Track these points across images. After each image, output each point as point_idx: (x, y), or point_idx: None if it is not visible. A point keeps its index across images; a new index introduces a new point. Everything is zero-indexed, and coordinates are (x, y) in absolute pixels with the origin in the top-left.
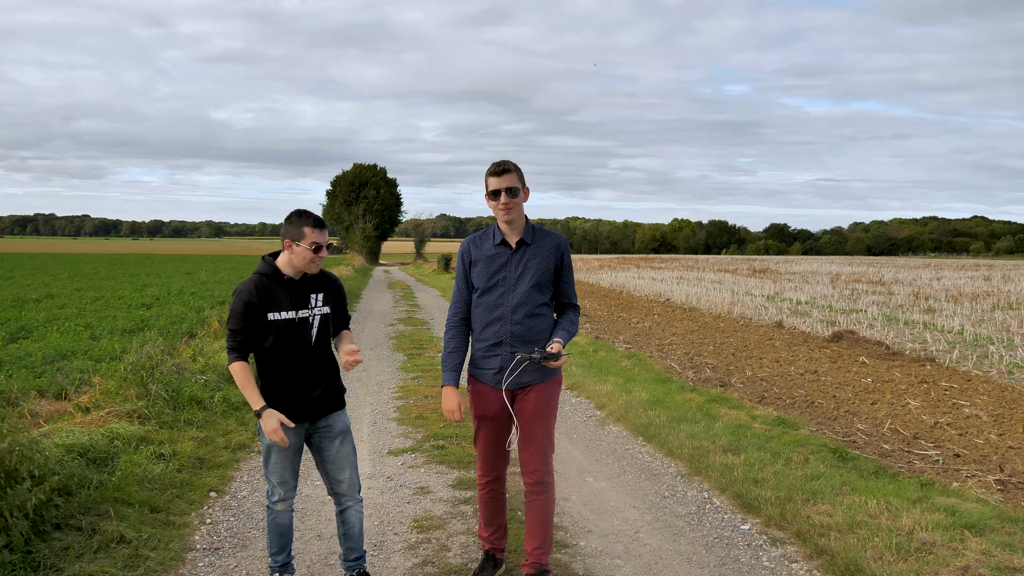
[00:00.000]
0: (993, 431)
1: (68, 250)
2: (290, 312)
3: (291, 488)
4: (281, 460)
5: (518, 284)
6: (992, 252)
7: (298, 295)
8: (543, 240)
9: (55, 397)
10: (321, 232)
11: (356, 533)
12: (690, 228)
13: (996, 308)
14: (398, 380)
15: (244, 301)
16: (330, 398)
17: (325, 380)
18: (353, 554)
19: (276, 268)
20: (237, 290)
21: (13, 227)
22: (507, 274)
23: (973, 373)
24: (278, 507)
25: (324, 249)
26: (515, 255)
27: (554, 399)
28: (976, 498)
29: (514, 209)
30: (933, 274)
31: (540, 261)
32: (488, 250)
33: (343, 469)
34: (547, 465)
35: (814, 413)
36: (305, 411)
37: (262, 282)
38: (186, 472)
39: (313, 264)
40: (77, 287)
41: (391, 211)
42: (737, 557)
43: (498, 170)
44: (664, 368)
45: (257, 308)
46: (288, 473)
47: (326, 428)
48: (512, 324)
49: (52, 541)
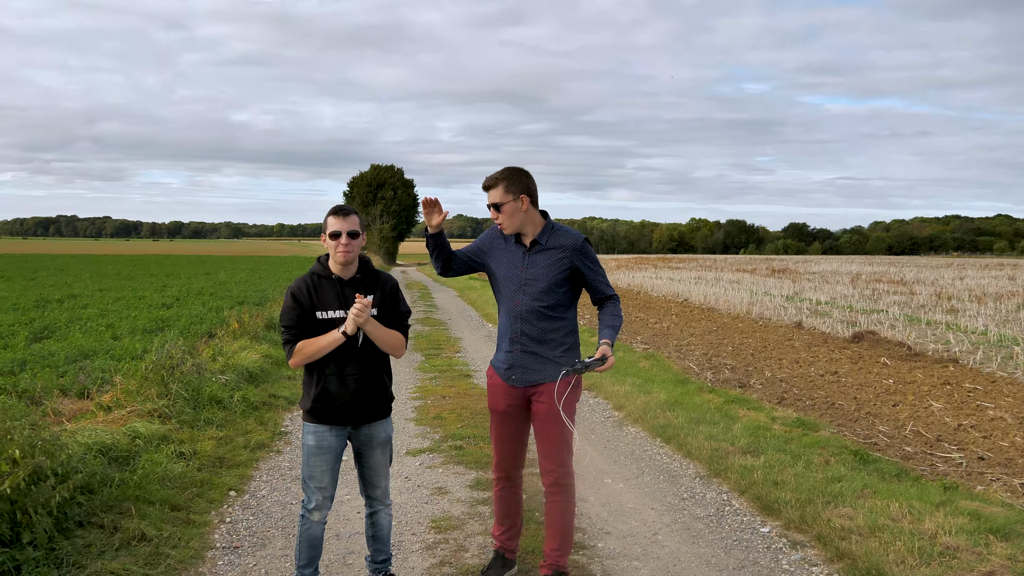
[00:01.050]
0: (1018, 433)
1: (90, 251)
2: (338, 311)
3: (329, 496)
4: (322, 463)
5: (529, 285)
6: (1017, 251)
7: (347, 295)
8: (558, 241)
9: (77, 396)
10: (341, 219)
11: (385, 535)
12: (708, 228)
13: (1021, 308)
14: (416, 380)
15: (294, 296)
16: (377, 404)
17: (373, 385)
18: (381, 555)
19: (326, 267)
20: (288, 287)
21: (36, 228)
22: (520, 273)
23: (998, 374)
24: (314, 516)
25: (345, 236)
26: (528, 255)
27: (572, 399)
28: (1001, 502)
29: (504, 223)
30: (956, 273)
31: (553, 263)
32: (509, 246)
33: (382, 477)
34: (564, 467)
35: (835, 415)
36: (349, 415)
37: (312, 280)
38: (206, 471)
39: (339, 253)
40: (99, 287)
41: (408, 212)
42: (756, 560)
43: (484, 186)
44: (682, 369)
45: (306, 305)
46: (328, 479)
47: (368, 436)
48: (522, 323)
49: (75, 538)
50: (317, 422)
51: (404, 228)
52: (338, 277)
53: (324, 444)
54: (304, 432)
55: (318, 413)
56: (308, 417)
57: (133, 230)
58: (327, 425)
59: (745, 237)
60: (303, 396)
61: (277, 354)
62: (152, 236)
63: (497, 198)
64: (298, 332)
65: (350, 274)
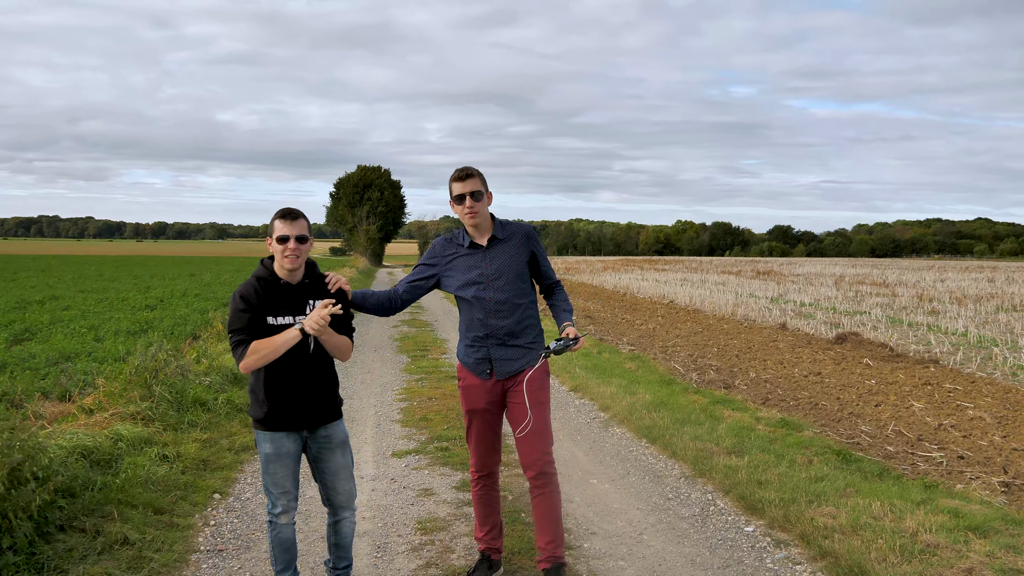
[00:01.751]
0: (997, 433)
1: (72, 252)
2: (287, 317)
3: (293, 498)
4: (282, 468)
5: (497, 279)
6: (996, 254)
7: (294, 300)
8: (512, 233)
9: (59, 399)
10: (289, 223)
11: (348, 543)
12: (694, 230)
13: (1000, 310)
14: (402, 382)
15: (243, 298)
16: (329, 407)
17: (324, 389)
18: (343, 562)
19: (272, 271)
20: (234, 294)
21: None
22: (484, 271)
23: (977, 375)
24: (281, 520)
25: (293, 241)
26: (488, 252)
27: (545, 387)
28: (980, 500)
29: (479, 213)
30: (937, 276)
31: (514, 253)
32: (461, 252)
33: (343, 480)
34: (547, 455)
35: (818, 415)
36: (304, 419)
37: (258, 285)
38: (190, 474)
39: (286, 258)
40: (81, 289)
41: (395, 213)
42: (741, 559)
43: (461, 175)
44: (668, 370)
45: (256, 309)
46: (290, 482)
47: (326, 438)
48: (496, 318)
49: (56, 543)
50: (272, 430)
51: (391, 229)
52: (286, 282)
53: (283, 451)
54: (259, 442)
55: (271, 421)
56: (260, 426)
57: (116, 231)
58: (283, 431)
59: (731, 239)
60: (252, 405)
61: None
62: (136, 237)
63: (478, 186)
64: (250, 334)
65: (297, 279)
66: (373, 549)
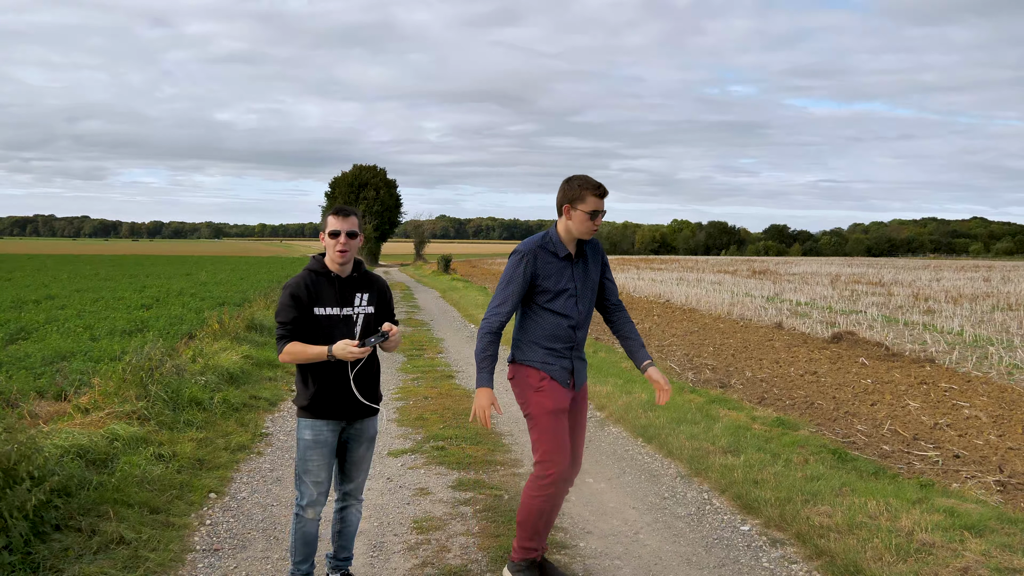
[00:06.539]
0: (993, 432)
1: (68, 251)
2: (335, 308)
3: (324, 492)
4: (319, 456)
5: (584, 293)
6: (991, 253)
7: (344, 293)
8: (591, 249)
9: (55, 398)
10: (341, 219)
11: (351, 533)
12: (690, 229)
13: (996, 309)
14: (398, 381)
15: (291, 294)
16: (370, 400)
17: (368, 381)
18: (344, 553)
19: (324, 264)
20: (285, 284)
21: (13, 228)
22: (575, 285)
23: (973, 374)
24: (308, 514)
25: (344, 235)
26: (577, 266)
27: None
28: (976, 499)
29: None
30: (932, 275)
31: (592, 272)
32: (558, 260)
33: (361, 471)
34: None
35: (814, 414)
36: (347, 409)
37: (310, 277)
38: (186, 473)
39: (336, 252)
40: (77, 288)
41: (391, 212)
42: (737, 558)
43: (605, 192)
44: (664, 369)
45: (304, 302)
46: (324, 474)
47: (359, 431)
48: (579, 331)
49: (51, 542)
50: (314, 417)
51: (387, 229)
52: (336, 275)
53: (321, 439)
54: (300, 428)
55: (316, 408)
56: (304, 413)
57: (112, 230)
58: (324, 420)
59: (726, 238)
60: (298, 393)
61: (258, 355)
62: (131, 236)
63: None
64: (294, 329)
65: (347, 272)
66: (369, 548)
